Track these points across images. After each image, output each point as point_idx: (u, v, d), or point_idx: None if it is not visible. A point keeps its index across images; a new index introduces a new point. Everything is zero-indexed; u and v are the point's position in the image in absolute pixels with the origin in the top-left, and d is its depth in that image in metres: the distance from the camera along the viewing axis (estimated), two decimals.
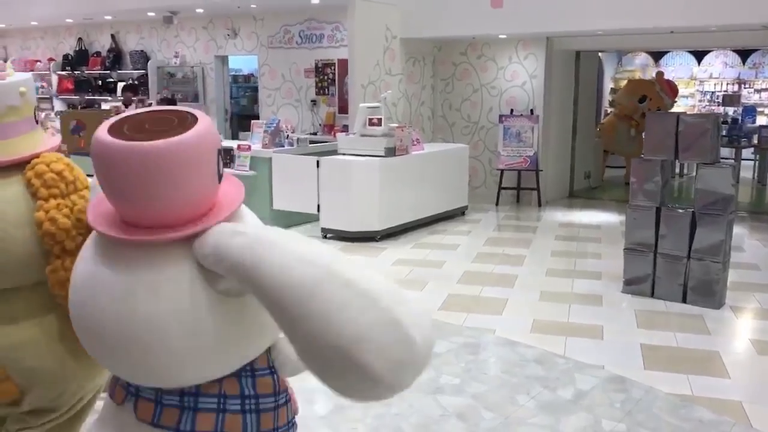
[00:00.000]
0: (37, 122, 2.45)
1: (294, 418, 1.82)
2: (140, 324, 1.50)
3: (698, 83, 15.92)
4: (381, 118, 7.50)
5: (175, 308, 1.50)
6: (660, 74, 12.24)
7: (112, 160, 1.47)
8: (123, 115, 1.59)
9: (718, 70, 15.71)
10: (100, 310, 1.54)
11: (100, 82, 12.89)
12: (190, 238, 1.53)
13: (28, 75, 2.48)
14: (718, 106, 15.07)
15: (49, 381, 2.35)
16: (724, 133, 11.37)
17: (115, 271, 1.54)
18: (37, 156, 2.26)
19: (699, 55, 15.75)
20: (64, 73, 13.27)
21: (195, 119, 1.55)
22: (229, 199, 1.65)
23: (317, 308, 1.35)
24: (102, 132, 1.51)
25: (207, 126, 1.55)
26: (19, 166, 2.25)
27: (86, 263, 1.63)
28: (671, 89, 11.89)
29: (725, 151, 11.16)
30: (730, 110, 14.47)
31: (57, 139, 2.57)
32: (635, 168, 5.38)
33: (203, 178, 1.53)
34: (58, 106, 13.30)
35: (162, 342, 1.50)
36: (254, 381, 1.69)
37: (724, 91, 15.43)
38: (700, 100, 15.78)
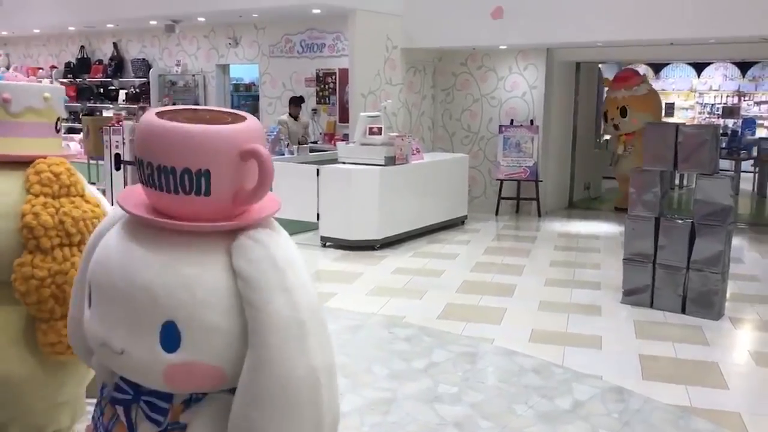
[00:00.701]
0: (57, 131, 2.52)
1: None
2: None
3: (698, 95, 15.98)
4: (381, 127, 7.52)
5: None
6: (606, 81, 10.86)
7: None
8: (172, 107, 1.59)
9: (718, 83, 15.77)
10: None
11: (101, 89, 12.93)
12: (227, 237, 1.51)
13: (61, 87, 2.59)
14: (718, 118, 15.11)
15: (10, 386, 2.34)
16: (723, 145, 11.41)
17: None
18: (43, 158, 2.33)
19: (699, 68, 15.82)
20: (66, 80, 13.30)
21: (244, 118, 1.56)
22: (265, 207, 1.61)
23: (283, 414, 1.45)
24: (152, 116, 1.50)
25: (256, 122, 1.57)
26: (25, 164, 2.31)
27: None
28: (618, 80, 10.10)
29: (725, 163, 11.17)
30: (730, 122, 14.51)
31: (71, 151, 2.65)
32: (634, 179, 5.39)
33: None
34: None
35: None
36: None
37: (724, 104, 15.48)
38: (699, 112, 15.83)
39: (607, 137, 11.09)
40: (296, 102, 9.54)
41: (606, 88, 10.42)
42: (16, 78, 2.48)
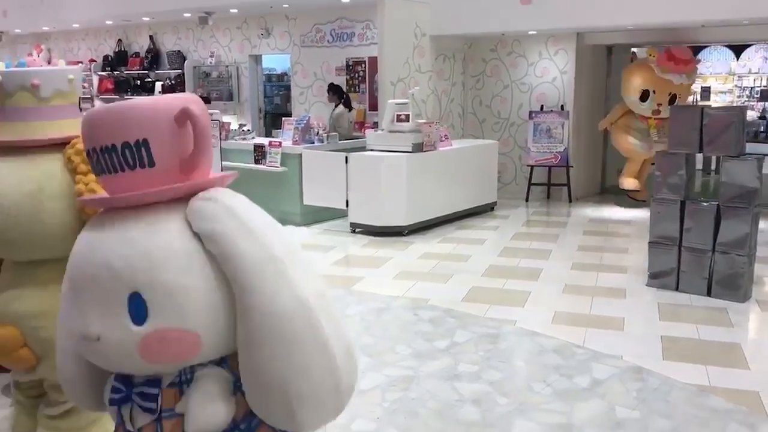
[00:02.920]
0: (81, 110, 2.66)
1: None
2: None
3: (737, 78, 15.63)
4: (409, 114, 7.59)
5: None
6: (655, 53, 9.01)
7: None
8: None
9: (758, 65, 15.40)
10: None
11: (138, 81, 13.24)
12: (181, 202, 1.56)
13: (76, 66, 2.71)
14: (757, 101, 14.78)
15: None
16: (762, 128, 11.19)
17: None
18: (77, 137, 2.45)
19: (738, 50, 15.46)
20: (104, 73, 13.67)
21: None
22: (219, 176, 1.68)
23: (284, 349, 1.48)
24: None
25: (195, 96, 1.65)
26: (60, 146, 2.45)
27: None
28: (677, 61, 8.84)
29: (764, 147, 10.98)
30: None
31: None
32: (659, 161, 5.38)
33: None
34: (99, 106, 13.69)
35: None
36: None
37: (763, 86, 15.12)
38: (738, 96, 15.48)
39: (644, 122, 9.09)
40: (340, 91, 9.68)
41: (655, 66, 8.76)
42: (35, 62, 2.59)
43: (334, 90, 9.70)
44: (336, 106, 9.59)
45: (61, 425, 2.73)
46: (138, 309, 1.49)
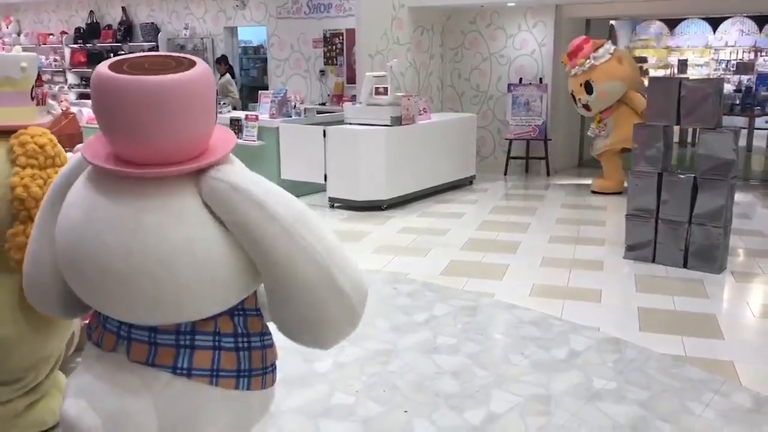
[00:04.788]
0: (32, 99, 2.58)
1: (275, 362, 1.91)
2: (150, 256, 1.54)
3: (713, 52, 15.70)
4: (387, 87, 7.51)
5: (184, 239, 1.56)
6: (563, 60, 8.33)
7: (118, 93, 1.52)
8: (121, 56, 1.65)
9: (734, 38, 15.47)
10: (104, 247, 1.55)
11: (111, 54, 12.94)
12: (193, 175, 1.62)
13: (33, 54, 2.62)
14: (732, 74, 14.88)
15: (3, 346, 2.46)
16: (737, 101, 11.26)
17: (119, 206, 1.57)
18: (25, 128, 2.38)
19: (715, 23, 15.51)
20: (76, 46, 13.35)
21: (192, 63, 1.62)
22: (222, 142, 1.72)
23: (309, 305, 1.70)
24: (104, 68, 1.56)
25: (207, 67, 1.64)
26: (5, 134, 2.37)
27: (81, 204, 1.64)
28: (570, 56, 8.10)
29: (739, 120, 11.06)
30: (744, 78, 14.28)
31: (47, 118, 2.71)
32: (636, 134, 5.38)
33: (203, 116, 1.61)
34: (71, 79, 13.42)
35: (172, 273, 1.56)
36: (245, 320, 1.79)
37: (740, 59, 15.21)
38: (715, 69, 15.57)
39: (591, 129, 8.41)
40: (227, 60, 10.77)
41: (567, 68, 8.19)
42: None
43: (219, 61, 10.62)
44: (222, 76, 10.36)
45: (30, 418, 2.69)
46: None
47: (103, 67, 1.56)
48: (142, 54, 1.69)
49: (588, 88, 7.93)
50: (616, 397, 3.24)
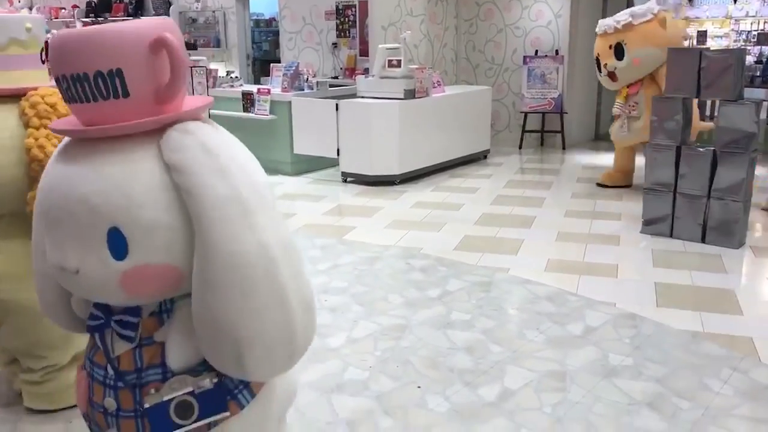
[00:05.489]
0: (43, 62, 2.53)
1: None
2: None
3: (733, 22, 15.35)
4: (400, 60, 7.41)
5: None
6: None
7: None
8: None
9: (755, 8, 15.10)
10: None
11: None
12: (156, 134, 1.50)
13: (39, 16, 2.57)
14: (754, 45, 14.55)
15: (23, 317, 2.44)
16: (758, 73, 11.02)
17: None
18: (35, 89, 2.35)
19: None
20: (87, 19, 13.26)
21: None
22: (197, 101, 1.63)
23: (239, 293, 1.44)
24: (61, 30, 1.52)
25: (171, 20, 1.55)
26: (17, 97, 2.35)
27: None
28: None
29: (760, 92, 10.82)
30: (766, 49, 13.96)
31: None
32: (655, 106, 5.27)
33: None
34: None
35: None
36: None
37: (761, 30, 14.87)
38: (735, 40, 15.24)
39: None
40: None
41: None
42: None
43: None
44: None
45: (42, 390, 2.69)
46: (118, 244, 1.45)
47: (62, 29, 1.54)
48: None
49: (619, 51, 6.55)
50: (633, 373, 3.20)
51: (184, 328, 1.57)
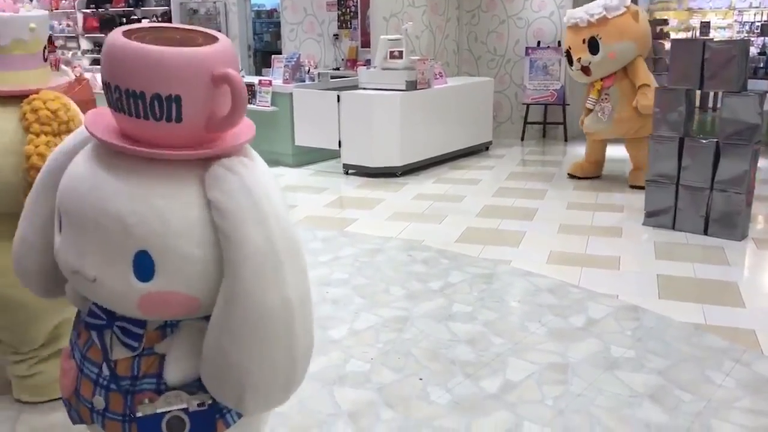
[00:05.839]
0: (45, 60, 2.51)
1: None
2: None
3: (737, 13, 15.29)
4: (402, 51, 7.38)
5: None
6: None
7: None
8: (139, 25, 1.55)
9: None
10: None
11: (124, 19, 12.83)
12: (202, 164, 1.49)
13: (43, 13, 2.53)
14: (757, 36, 14.49)
15: (14, 312, 2.44)
16: (761, 64, 10.98)
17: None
18: (37, 92, 2.32)
19: None
20: (88, 11, 13.23)
21: (215, 38, 1.51)
22: (239, 133, 1.59)
23: (256, 341, 1.46)
24: (119, 35, 1.45)
25: (229, 43, 1.52)
26: (19, 98, 2.32)
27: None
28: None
29: (763, 84, 10.78)
30: None
31: (63, 80, 2.63)
32: (658, 98, 5.25)
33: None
34: (84, 44, 13.34)
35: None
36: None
37: (764, 21, 14.80)
38: (738, 31, 15.18)
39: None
40: None
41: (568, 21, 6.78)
42: (2, 3, 2.41)
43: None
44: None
45: (30, 382, 2.70)
46: (145, 267, 1.44)
47: (118, 34, 1.45)
48: (163, 25, 1.58)
49: (593, 45, 6.40)
50: (635, 365, 3.20)
51: (186, 346, 1.57)
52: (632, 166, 6.85)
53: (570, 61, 6.72)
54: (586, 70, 6.55)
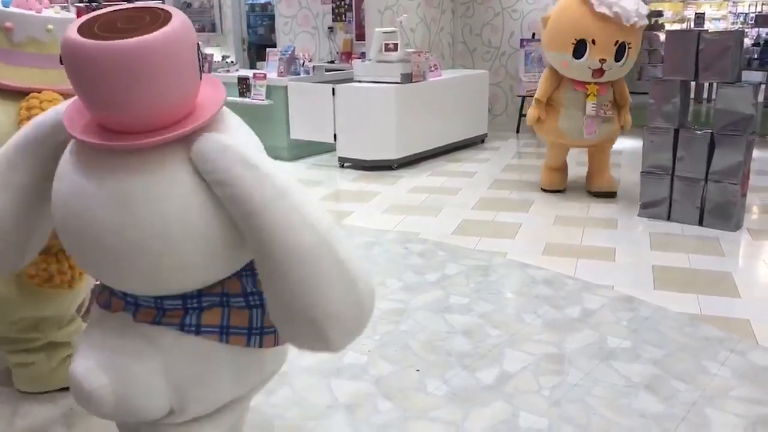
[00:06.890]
0: (61, 63, 2.49)
1: None
2: (145, 230, 1.48)
3: (731, 4, 15.31)
4: (397, 44, 7.36)
5: (179, 209, 1.49)
6: None
7: (84, 61, 1.42)
8: (93, 14, 1.53)
9: None
10: (97, 222, 1.50)
11: None
12: (182, 141, 1.52)
13: (69, 17, 2.50)
14: (752, 27, 14.51)
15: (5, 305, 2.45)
16: (756, 56, 10.98)
17: (107, 180, 1.49)
18: (39, 91, 2.31)
19: None
20: (82, 5, 13.15)
21: (169, 16, 1.49)
22: (210, 101, 1.61)
23: (305, 276, 1.49)
24: (72, 32, 1.45)
25: (181, 22, 1.49)
26: (24, 95, 2.30)
27: (69, 179, 1.57)
28: None
29: (758, 75, 10.79)
30: (764, 31, 13.93)
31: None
32: (653, 89, 5.25)
33: (182, 77, 1.49)
34: None
35: (169, 246, 1.51)
36: (255, 280, 1.74)
37: (759, 12, 14.82)
38: (733, 23, 15.21)
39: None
40: None
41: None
42: (26, 3, 2.37)
43: None
44: None
45: (30, 373, 2.71)
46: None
47: (72, 32, 1.45)
48: (114, 8, 1.56)
49: (621, 52, 5.60)
50: (631, 356, 3.21)
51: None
52: (593, 172, 6.27)
53: (577, 53, 5.59)
54: (599, 72, 5.63)
